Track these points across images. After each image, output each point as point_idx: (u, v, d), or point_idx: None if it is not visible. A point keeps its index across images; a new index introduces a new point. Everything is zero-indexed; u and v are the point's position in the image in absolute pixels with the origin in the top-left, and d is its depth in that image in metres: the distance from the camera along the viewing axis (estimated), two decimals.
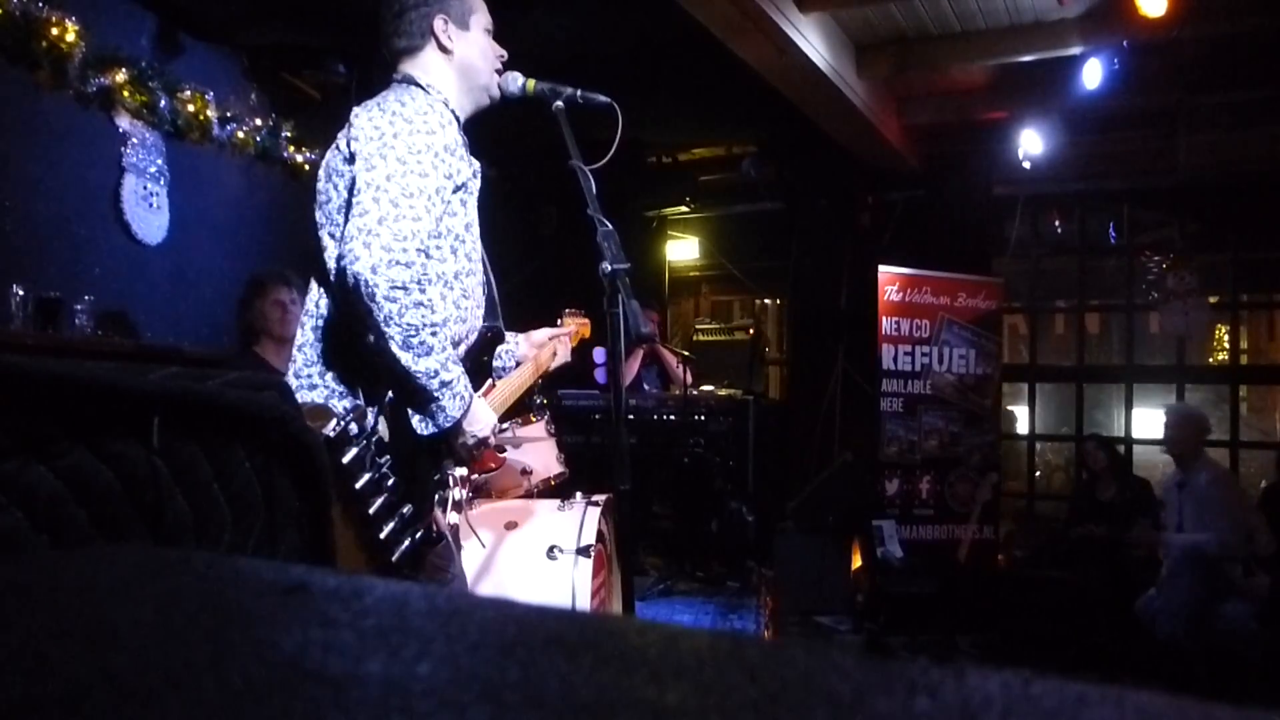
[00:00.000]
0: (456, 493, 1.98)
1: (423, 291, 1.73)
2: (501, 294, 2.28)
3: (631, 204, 7.09)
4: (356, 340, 1.79)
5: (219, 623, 0.40)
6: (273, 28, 4.68)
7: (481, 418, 1.91)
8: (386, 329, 1.72)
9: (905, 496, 5.45)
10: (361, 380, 1.87)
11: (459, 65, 2.01)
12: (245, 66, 4.83)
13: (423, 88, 1.96)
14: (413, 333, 1.72)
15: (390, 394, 1.80)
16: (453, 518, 1.97)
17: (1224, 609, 4.04)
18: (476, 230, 2.04)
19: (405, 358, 1.73)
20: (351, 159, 1.83)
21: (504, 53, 2.08)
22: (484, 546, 2.98)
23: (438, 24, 1.98)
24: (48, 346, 3.42)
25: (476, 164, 2.11)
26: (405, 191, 1.75)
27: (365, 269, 1.69)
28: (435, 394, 1.78)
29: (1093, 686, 0.33)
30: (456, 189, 1.91)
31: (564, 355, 2.45)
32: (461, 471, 1.97)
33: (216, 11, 4.49)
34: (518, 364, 2.31)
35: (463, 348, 1.99)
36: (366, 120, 1.85)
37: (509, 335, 2.33)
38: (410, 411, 1.83)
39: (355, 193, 1.77)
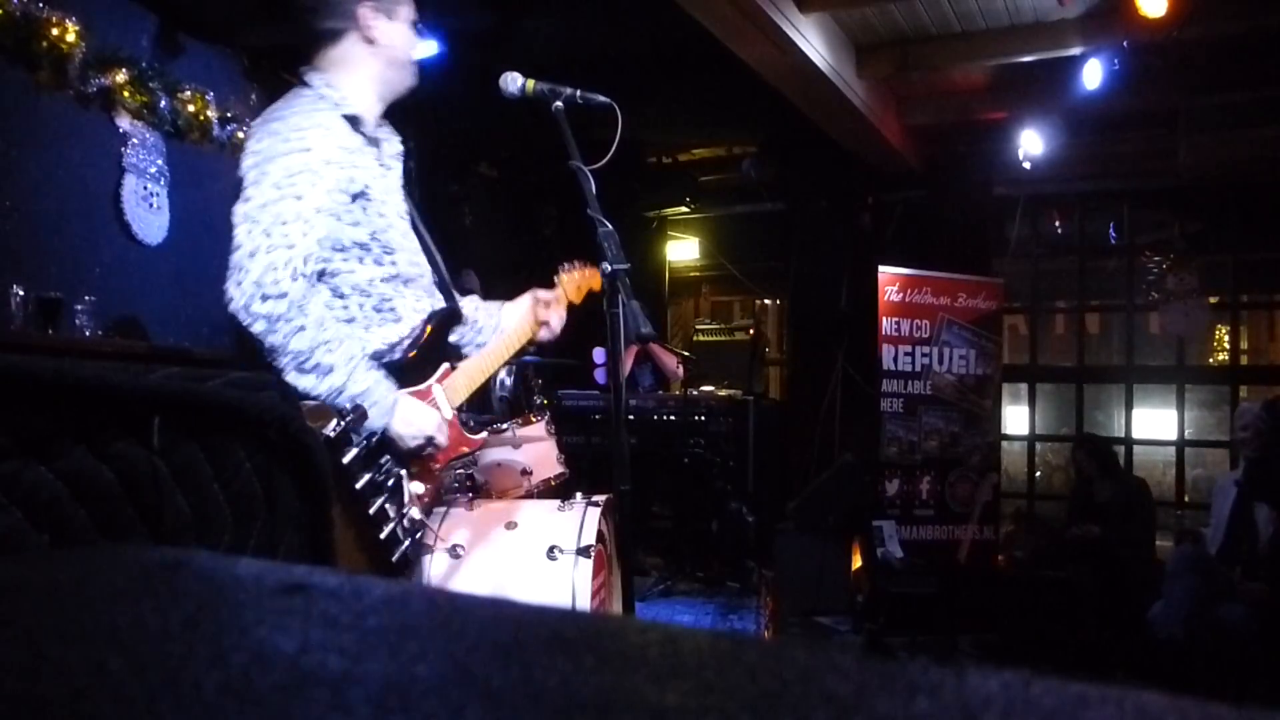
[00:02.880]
0: (414, 487, 1.94)
1: (304, 315, 1.73)
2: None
3: (631, 204, 7.09)
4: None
5: (219, 623, 0.40)
6: (273, 28, 4.68)
7: (413, 419, 1.88)
8: (278, 361, 1.74)
9: (905, 497, 5.45)
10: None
11: (384, 55, 1.99)
12: (245, 66, 4.83)
13: (315, 89, 1.92)
14: (305, 358, 1.73)
15: None
16: (413, 513, 1.92)
17: (1223, 610, 4.04)
18: (404, 225, 2.02)
19: (305, 381, 1.74)
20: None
21: (420, 44, 2.08)
22: (466, 551, 2.99)
23: (363, 11, 1.95)
24: (48, 346, 3.42)
25: (396, 145, 2.08)
26: (279, 219, 1.74)
27: (240, 309, 1.72)
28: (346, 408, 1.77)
29: (1093, 686, 0.33)
30: (355, 197, 1.88)
31: (556, 320, 2.35)
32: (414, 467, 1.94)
33: (216, 11, 4.49)
34: (496, 334, 2.28)
35: (401, 345, 1.98)
36: (252, 142, 1.84)
37: (486, 307, 2.30)
38: None
39: (234, 224, 1.78)
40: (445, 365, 2.07)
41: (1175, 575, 4.20)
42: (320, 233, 1.79)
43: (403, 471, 1.92)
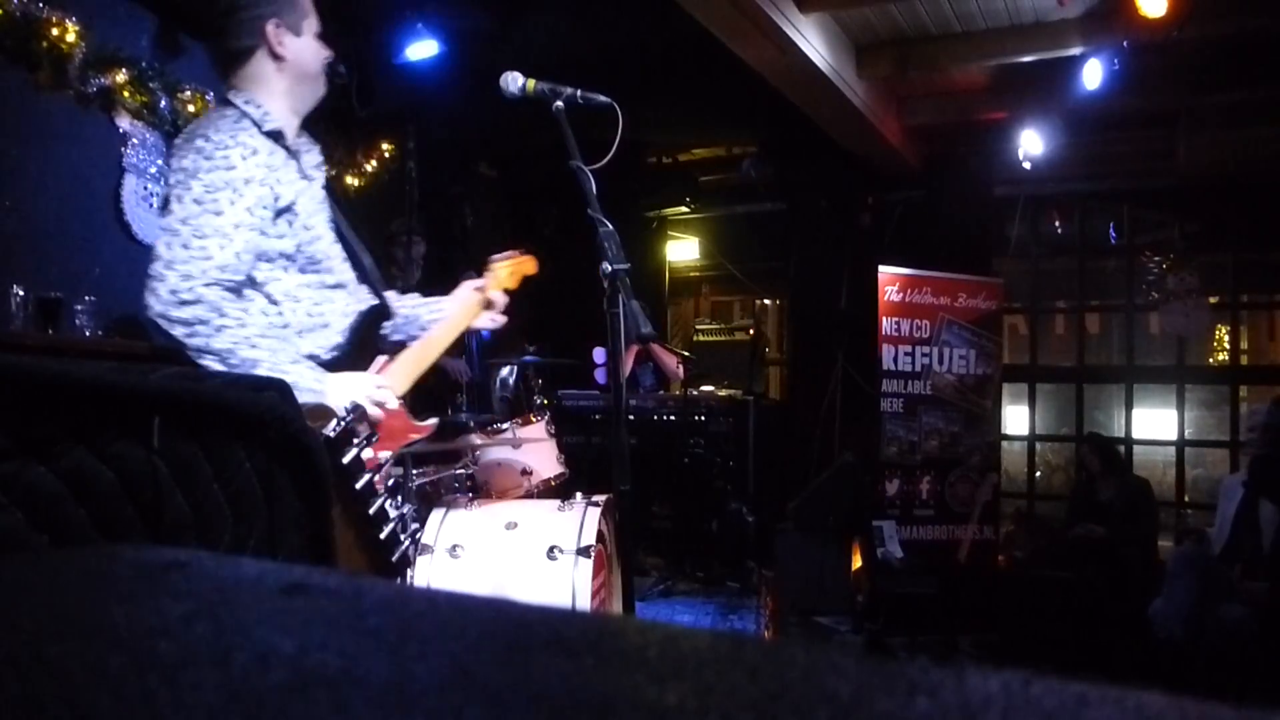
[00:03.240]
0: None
1: (223, 316, 1.80)
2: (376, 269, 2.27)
3: (631, 204, 7.10)
4: None
5: (219, 623, 0.40)
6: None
7: (346, 390, 1.92)
8: (205, 361, 1.80)
9: (905, 497, 5.45)
10: None
11: (292, 70, 2.04)
12: None
13: (239, 109, 1.97)
14: (228, 355, 1.80)
15: None
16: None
17: (1223, 610, 4.04)
18: (329, 234, 2.07)
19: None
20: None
21: (331, 53, 2.14)
22: (466, 551, 2.99)
23: (270, 29, 1.99)
24: (48, 346, 3.42)
25: (316, 156, 2.14)
26: (197, 232, 1.82)
27: (157, 315, 1.81)
28: None
29: (1093, 686, 0.33)
30: (280, 212, 1.93)
31: (496, 307, 2.40)
32: (367, 454, 1.97)
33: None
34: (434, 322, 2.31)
35: (336, 348, 2.02)
36: (176, 160, 1.91)
37: (432, 299, 2.35)
38: None
39: (156, 239, 1.87)
40: (381, 359, 2.11)
41: (1175, 575, 4.20)
42: (238, 246, 1.85)
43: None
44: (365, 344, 2.07)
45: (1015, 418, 7.40)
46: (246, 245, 1.86)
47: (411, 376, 2.14)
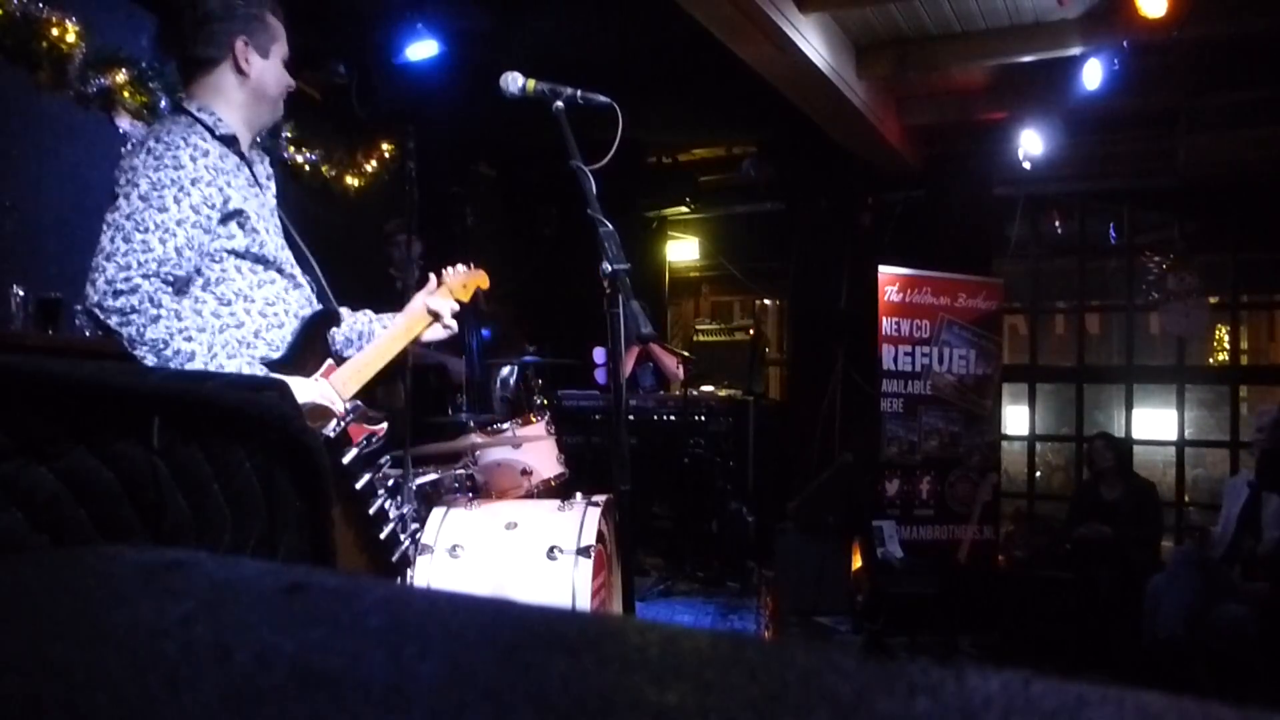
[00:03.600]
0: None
1: (158, 307, 1.81)
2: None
3: (631, 204, 7.10)
4: None
5: (219, 623, 0.40)
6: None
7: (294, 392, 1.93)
8: (137, 351, 1.81)
9: (905, 497, 5.45)
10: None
11: (251, 88, 2.08)
12: None
13: (193, 115, 2.01)
14: (162, 346, 1.81)
15: None
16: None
17: (1224, 610, 4.04)
18: (278, 237, 2.09)
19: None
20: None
21: (294, 83, 2.17)
22: (466, 551, 2.99)
23: (238, 45, 2.04)
24: (48, 346, 3.42)
25: (269, 169, 2.19)
26: (140, 226, 1.84)
27: (93, 305, 1.81)
28: None
29: (1093, 686, 0.33)
30: (229, 216, 1.95)
31: (444, 318, 2.38)
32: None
33: None
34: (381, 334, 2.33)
35: (286, 343, 2.04)
36: (127, 161, 1.94)
37: (384, 315, 2.37)
38: None
39: (100, 234, 1.89)
40: (329, 362, 2.13)
41: (1175, 575, 4.20)
42: (179, 241, 1.87)
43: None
44: (315, 346, 2.10)
45: (1015, 418, 7.40)
46: (189, 242, 1.88)
47: (359, 381, 2.15)
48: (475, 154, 6.58)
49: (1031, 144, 5.44)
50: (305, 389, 1.96)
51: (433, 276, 2.46)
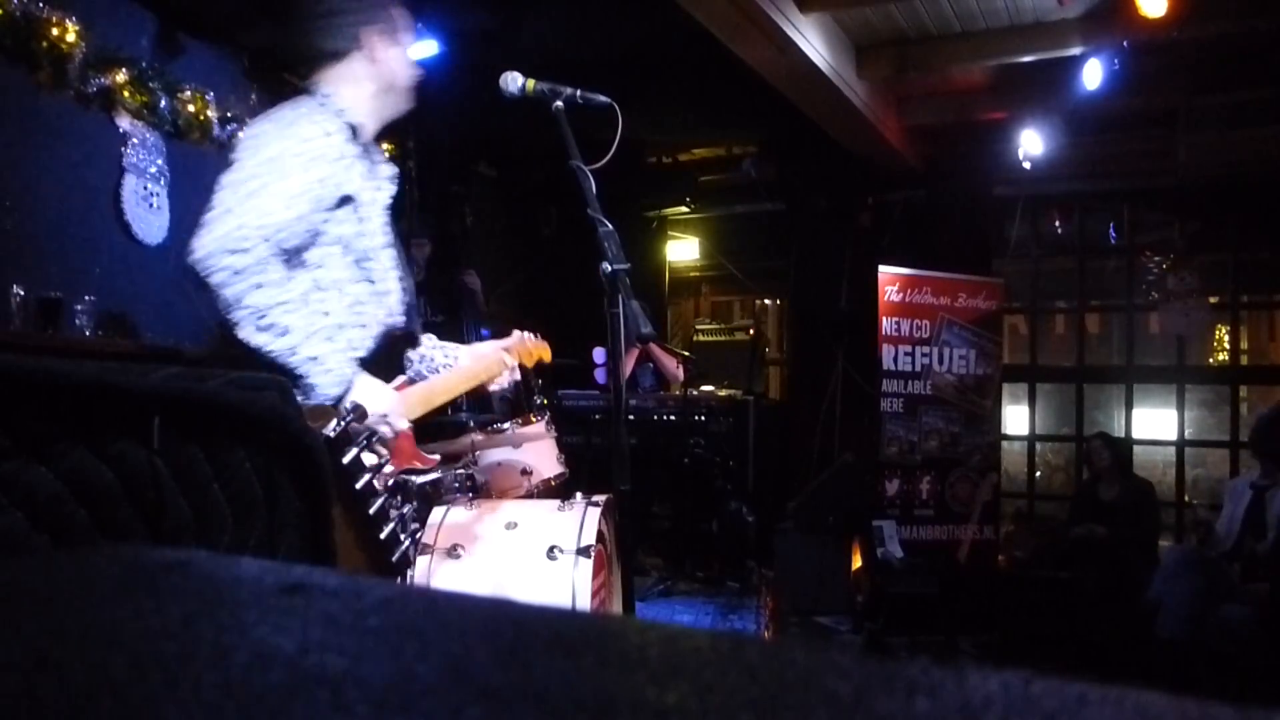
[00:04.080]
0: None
1: (264, 274, 1.76)
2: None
3: (631, 204, 7.09)
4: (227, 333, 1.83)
5: (219, 623, 0.40)
6: (273, 28, 4.68)
7: (372, 396, 1.89)
8: (232, 315, 1.76)
9: (905, 497, 5.45)
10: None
11: (384, 78, 2.07)
12: (245, 66, 4.83)
13: (318, 98, 2.01)
14: (261, 314, 1.76)
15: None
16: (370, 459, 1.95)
17: (1224, 610, 4.04)
18: (384, 237, 2.07)
19: (260, 339, 1.77)
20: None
21: (419, 72, 2.16)
22: (466, 551, 2.99)
23: (370, 35, 2.04)
24: (48, 346, 3.42)
25: (389, 169, 2.16)
26: (261, 190, 1.80)
27: (199, 259, 1.75)
28: (301, 370, 1.80)
29: (1093, 686, 0.33)
30: (343, 201, 1.94)
31: (509, 375, 2.43)
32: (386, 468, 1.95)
33: (216, 11, 4.49)
34: (448, 368, 2.33)
35: (364, 350, 2.01)
36: (249, 131, 1.96)
37: (440, 344, 2.36)
38: None
39: (216, 191, 1.83)
40: (402, 378, 2.11)
41: (1175, 575, 4.20)
42: (294, 213, 1.83)
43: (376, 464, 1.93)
44: (391, 360, 2.08)
45: (1015, 418, 7.40)
46: (302, 216, 1.84)
47: (424, 408, 2.13)
48: (475, 154, 6.57)
49: (1031, 144, 5.44)
50: (381, 396, 1.93)
51: (516, 333, 2.51)
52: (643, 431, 5.76)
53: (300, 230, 1.86)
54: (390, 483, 1.97)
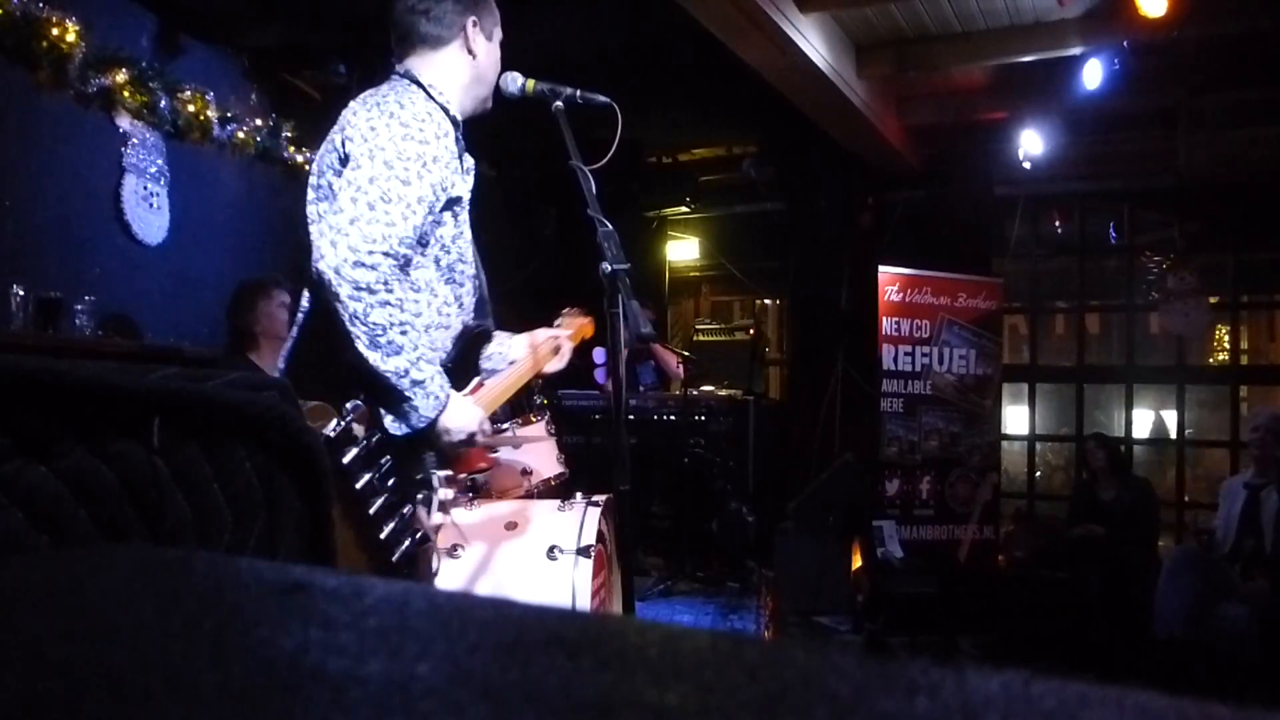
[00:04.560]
0: (443, 493, 1.97)
1: (389, 291, 1.75)
2: (501, 293, 2.30)
3: (631, 204, 7.09)
4: (329, 337, 1.81)
5: (219, 623, 0.40)
6: (273, 28, 4.68)
7: (462, 415, 1.90)
8: (352, 328, 1.75)
9: (905, 497, 5.45)
10: (334, 380, 1.87)
11: (476, 71, 2.05)
12: (245, 66, 4.83)
13: (424, 87, 1.97)
14: (379, 332, 1.74)
15: (362, 394, 1.80)
16: (438, 518, 1.94)
17: (1223, 610, 4.04)
18: (468, 234, 2.05)
19: (373, 357, 1.76)
20: (345, 159, 1.85)
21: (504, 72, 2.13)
22: (466, 551, 2.99)
23: (469, 26, 2.02)
24: (48, 346, 3.42)
25: (471, 163, 2.13)
26: (384, 196, 1.77)
27: (329, 268, 1.73)
28: (406, 393, 1.79)
29: (1093, 686, 0.33)
30: (448, 204, 1.92)
31: (563, 356, 2.40)
32: (447, 473, 1.96)
33: (216, 11, 4.49)
34: (511, 364, 2.31)
35: (444, 351, 2.01)
36: (364, 118, 1.86)
37: (504, 335, 2.32)
38: (383, 411, 1.83)
39: (337, 191, 1.80)
40: (476, 379, 2.10)
41: (1175, 574, 4.20)
42: (416, 220, 1.82)
43: (435, 470, 1.93)
44: (469, 360, 2.07)
45: (1015, 418, 7.40)
46: (420, 222, 1.83)
47: (491, 408, 2.13)
48: (475, 154, 6.56)
49: (1031, 144, 5.44)
50: (471, 416, 1.91)
51: (564, 314, 2.50)
52: (643, 431, 5.76)
53: (418, 238, 1.85)
54: (392, 482, 1.97)
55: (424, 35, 2.01)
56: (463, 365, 2.04)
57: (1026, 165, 5.52)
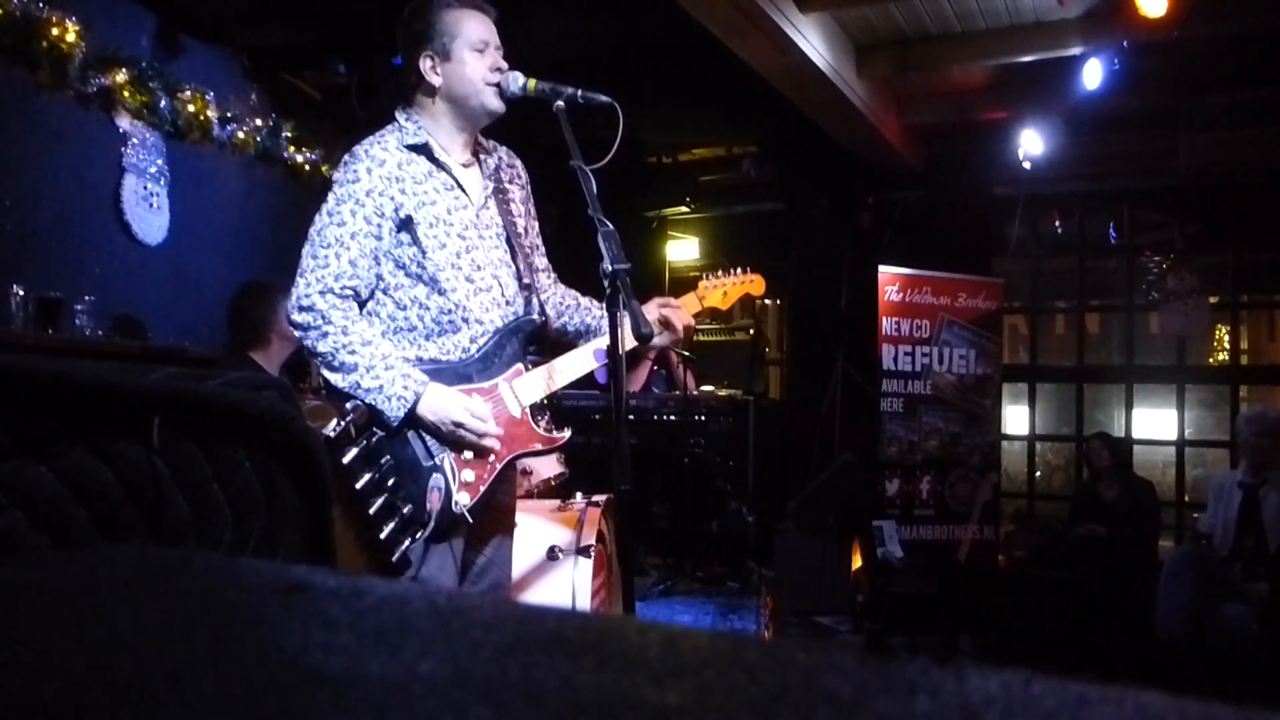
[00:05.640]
0: (465, 475, 2.05)
1: (329, 323, 1.99)
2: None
3: (631, 204, 7.09)
4: None
5: (219, 623, 0.40)
6: (273, 28, 4.68)
7: (436, 405, 2.02)
8: (313, 359, 2.08)
9: (905, 497, 5.45)
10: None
11: (447, 96, 2.12)
12: (245, 66, 4.83)
13: (397, 120, 2.15)
14: (330, 358, 1.99)
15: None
16: (463, 498, 2.04)
17: (1224, 610, 4.04)
18: (465, 243, 2.10)
19: (334, 377, 2.00)
20: None
21: (499, 63, 2.13)
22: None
23: (424, 65, 2.10)
24: (48, 346, 3.42)
25: (498, 172, 2.25)
26: (323, 242, 2.01)
27: (286, 319, 2.07)
28: (368, 400, 1.99)
29: (1093, 686, 0.33)
30: (402, 224, 2.03)
31: (679, 320, 2.36)
32: (468, 455, 2.06)
33: (216, 11, 4.49)
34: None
35: (463, 349, 2.09)
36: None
37: (589, 301, 2.36)
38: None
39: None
40: (517, 366, 2.14)
41: (1175, 576, 4.20)
42: (353, 255, 2.01)
43: (449, 455, 2.04)
44: (502, 354, 2.13)
45: (1015, 418, 7.39)
46: (363, 252, 2.02)
47: (549, 387, 2.18)
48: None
49: (1031, 144, 5.44)
50: (449, 407, 2.02)
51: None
52: (643, 431, 5.75)
53: (364, 268, 2.03)
54: (392, 481, 1.98)
55: (408, 84, 2.18)
56: (492, 358, 2.11)
57: (1026, 165, 5.51)
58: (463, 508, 2.03)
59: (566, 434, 2.20)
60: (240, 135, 4.68)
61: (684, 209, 7.61)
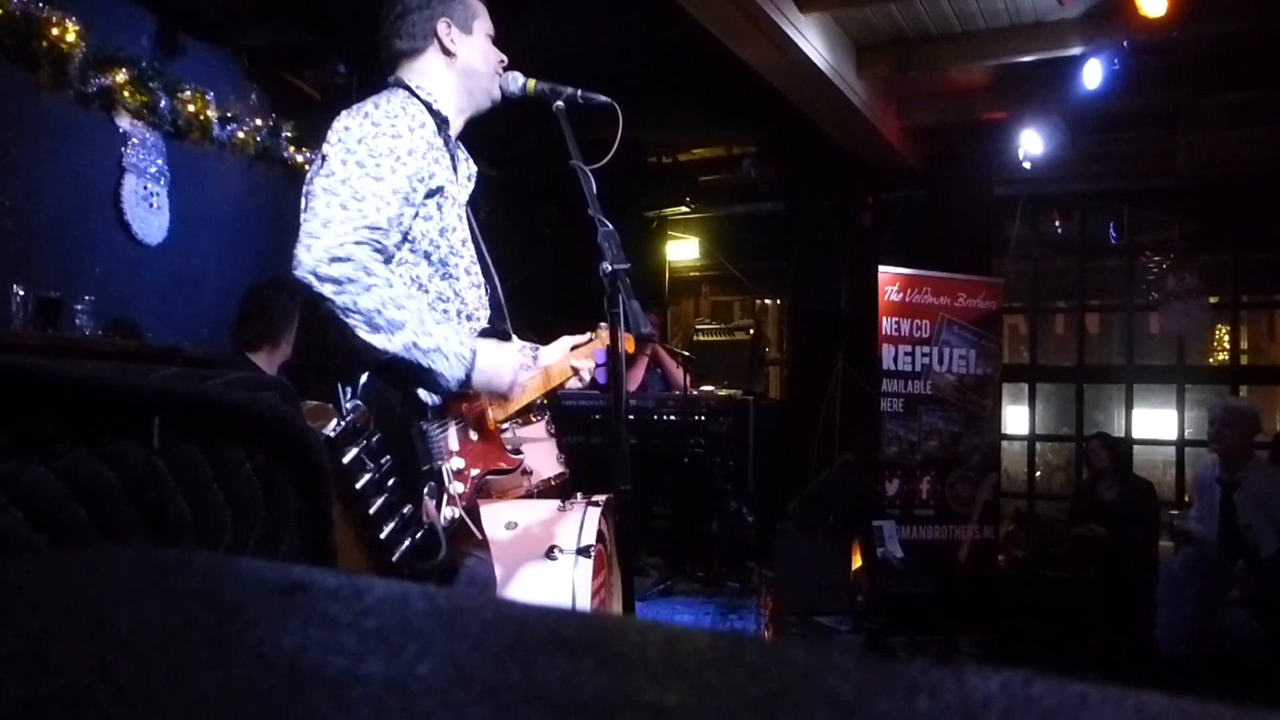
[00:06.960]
0: (454, 487, 1.98)
1: (370, 275, 1.76)
2: (503, 294, 2.29)
3: (631, 204, 7.09)
4: (337, 335, 1.82)
5: (219, 623, 0.40)
6: (273, 28, 4.68)
7: (494, 361, 1.92)
8: (349, 320, 1.75)
9: (905, 497, 5.45)
10: (338, 372, 1.89)
11: (460, 68, 2.05)
12: (245, 66, 4.83)
13: (411, 90, 1.99)
14: (375, 314, 1.75)
15: (364, 380, 1.82)
16: (449, 512, 1.96)
17: (1225, 611, 4.04)
18: (464, 233, 2.05)
19: (378, 340, 1.76)
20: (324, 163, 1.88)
21: (504, 58, 2.12)
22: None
23: (441, 27, 2.02)
24: (48, 346, 3.42)
25: (473, 168, 2.15)
26: (356, 195, 1.78)
27: (307, 272, 1.73)
28: (424, 363, 1.80)
29: (1093, 686, 0.33)
30: (431, 193, 1.92)
31: (587, 369, 2.39)
32: (458, 465, 1.97)
33: (216, 11, 4.49)
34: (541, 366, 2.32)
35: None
36: (342, 124, 1.89)
37: (529, 345, 2.32)
38: (418, 390, 1.87)
39: (312, 196, 1.82)
40: None
41: (1178, 583, 4.18)
42: (392, 212, 1.82)
43: (444, 467, 1.95)
44: None
45: (1015, 418, 7.39)
46: (399, 214, 1.84)
47: (503, 410, 2.15)
48: (475, 154, 6.57)
49: (1031, 144, 5.44)
50: (507, 360, 1.94)
51: (584, 335, 2.44)
52: (643, 431, 5.76)
53: (398, 229, 1.86)
54: (392, 481, 1.97)
55: (401, 50, 2.04)
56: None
57: (1026, 165, 5.52)
58: (452, 519, 2.01)
59: (521, 459, 2.19)
60: (240, 135, 4.68)
61: (684, 209, 7.61)
